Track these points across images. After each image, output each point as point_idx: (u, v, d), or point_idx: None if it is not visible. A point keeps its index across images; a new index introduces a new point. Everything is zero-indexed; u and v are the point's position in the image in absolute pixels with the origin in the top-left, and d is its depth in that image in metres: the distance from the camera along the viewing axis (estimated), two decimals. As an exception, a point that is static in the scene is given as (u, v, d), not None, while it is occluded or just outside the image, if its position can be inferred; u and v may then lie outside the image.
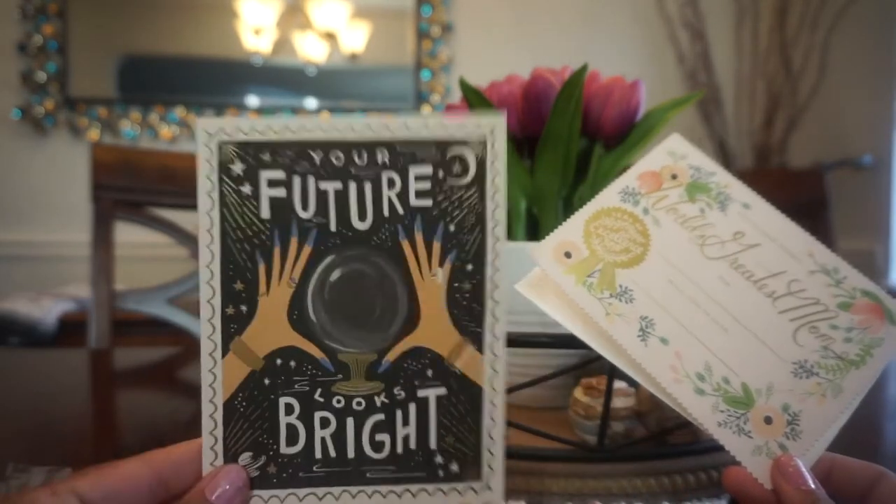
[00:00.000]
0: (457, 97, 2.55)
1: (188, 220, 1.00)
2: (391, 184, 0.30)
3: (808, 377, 0.32)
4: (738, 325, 0.34)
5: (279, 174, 0.30)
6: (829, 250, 0.36)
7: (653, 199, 0.38)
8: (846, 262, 0.36)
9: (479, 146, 0.30)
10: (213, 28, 2.42)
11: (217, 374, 0.30)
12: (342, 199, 0.30)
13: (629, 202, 0.38)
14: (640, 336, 0.34)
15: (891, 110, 2.25)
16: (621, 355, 0.34)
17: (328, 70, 2.48)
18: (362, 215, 0.30)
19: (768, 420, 0.31)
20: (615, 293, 0.35)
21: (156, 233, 1.12)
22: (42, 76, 2.28)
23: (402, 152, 0.30)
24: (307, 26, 2.46)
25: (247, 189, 0.30)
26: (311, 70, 2.47)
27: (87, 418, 0.66)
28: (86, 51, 2.34)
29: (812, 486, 0.29)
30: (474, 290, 0.30)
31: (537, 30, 2.55)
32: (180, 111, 2.38)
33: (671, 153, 0.40)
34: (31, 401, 0.71)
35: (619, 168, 0.58)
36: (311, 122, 0.30)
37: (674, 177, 0.39)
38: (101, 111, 2.34)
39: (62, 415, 0.65)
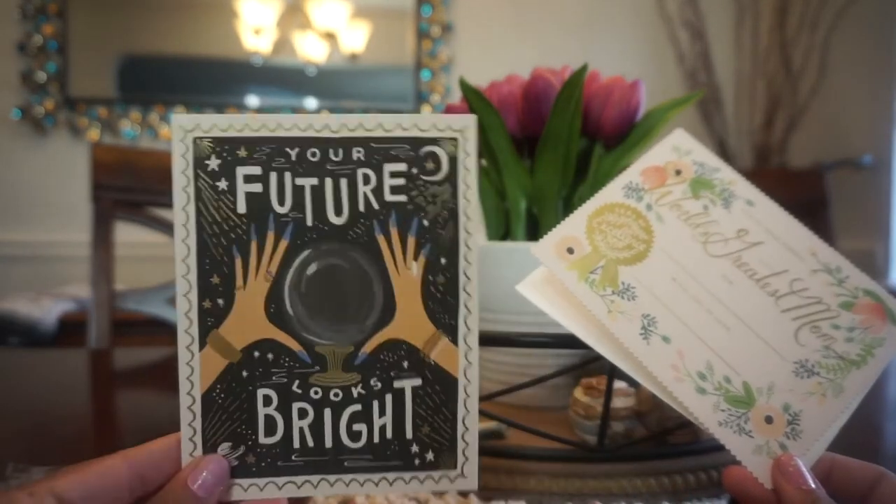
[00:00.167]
0: (457, 97, 2.54)
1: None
2: (367, 180, 0.31)
3: (809, 377, 0.32)
4: (741, 323, 0.34)
5: (256, 170, 0.31)
6: (832, 249, 0.36)
7: (656, 194, 0.38)
8: (848, 261, 0.36)
9: (451, 145, 0.31)
10: (213, 28, 2.42)
11: (195, 367, 0.30)
12: (318, 194, 0.31)
13: (632, 198, 0.38)
14: (642, 334, 0.34)
15: (891, 110, 2.25)
16: (622, 354, 0.34)
17: (328, 70, 2.48)
18: (338, 210, 0.31)
19: (769, 419, 0.31)
20: (618, 290, 0.35)
21: (156, 233, 1.12)
22: (42, 76, 2.28)
23: (378, 150, 0.31)
24: (307, 26, 2.46)
25: (223, 184, 0.31)
26: (311, 70, 2.47)
27: (87, 418, 0.66)
28: (86, 51, 2.34)
29: (812, 485, 0.29)
30: (448, 283, 0.31)
31: (537, 30, 2.55)
32: (180, 111, 2.38)
33: (675, 148, 0.39)
34: (31, 401, 0.71)
35: (619, 168, 0.58)
36: (288, 119, 0.31)
37: (678, 172, 0.38)
38: (101, 111, 2.34)
39: (62, 415, 0.65)
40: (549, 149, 0.56)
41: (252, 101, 2.44)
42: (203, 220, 0.30)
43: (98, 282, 1.04)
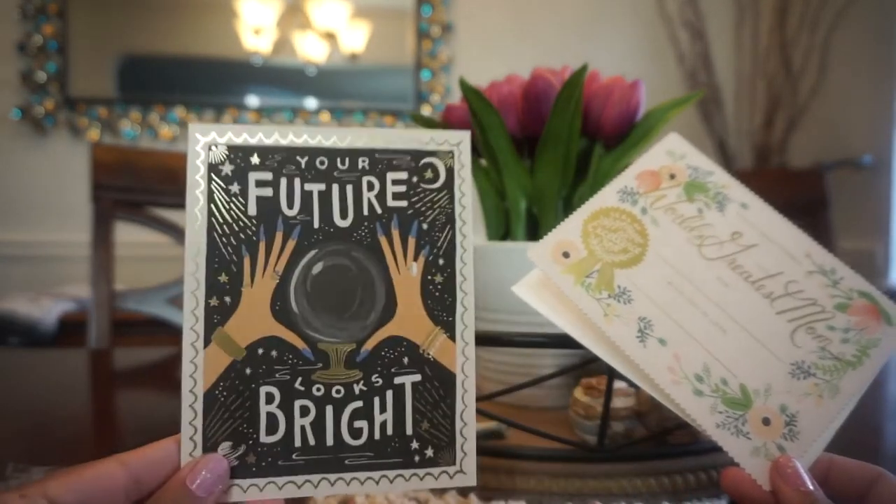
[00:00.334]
0: (457, 97, 2.54)
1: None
2: (370, 186, 0.33)
3: (805, 378, 0.33)
4: (737, 325, 0.34)
5: (267, 175, 0.33)
6: (827, 251, 0.36)
7: (651, 198, 0.38)
8: (843, 262, 0.36)
9: (447, 157, 0.34)
10: (213, 28, 2.42)
11: (198, 365, 0.31)
12: (325, 198, 0.33)
13: (627, 202, 0.38)
14: (638, 337, 0.34)
15: (891, 110, 2.25)
16: (619, 357, 0.34)
17: (328, 70, 2.48)
18: (344, 214, 0.33)
19: (766, 421, 0.31)
20: (613, 294, 0.35)
21: (156, 233, 1.13)
22: (42, 76, 2.28)
23: (381, 160, 0.34)
24: (307, 26, 2.46)
25: (235, 188, 0.32)
26: (311, 70, 2.47)
27: (87, 418, 0.66)
28: (86, 51, 2.34)
29: (810, 486, 0.29)
30: (446, 282, 0.33)
31: (537, 30, 2.55)
32: (180, 111, 2.38)
33: (670, 153, 0.40)
34: (31, 401, 0.71)
35: (619, 168, 0.58)
36: (299, 132, 0.33)
37: (672, 176, 0.39)
38: (101, 111, 2.34)
39: (62, 415, 0.65)
40: (549, 149, 0.56)
41: (252, 101, 2.44)
42: (214, 220, 0.32)
43: (98, 282, 1.04)
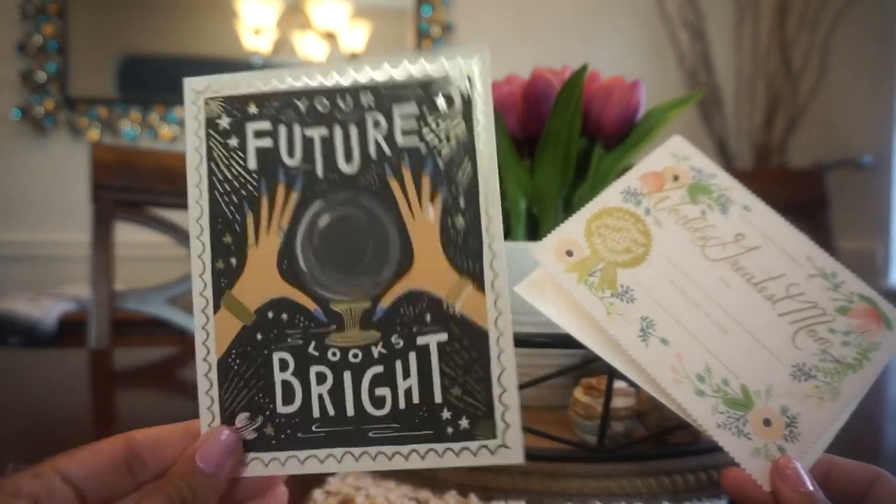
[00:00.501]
0: (457, 97, 2.52)
1: (188, 219, 1.00)
2: (376, 125, 0.30)
3: (806, 380, 0.33)
4: (738, 326, 0.34)
5: (265, 125, 0.30)
6: (828, 254, 0.36)
7: (654, 199, 0.38)
8: (844, 265, 0.36)
9: (462, 80, 0.29)
10: (213, 28, 2.42)
11: (210, 332, 0.29)
12: (328, 144, 0.30)
13: (631, 202, 0.38)
14: (640, 336, 0.34)
15: (891, 110, 2.25)
16: (621, 356, 0.34)
17: (328, 70, 2.48)
18: (349, 158, 0.30)
19: (767, 422, 0.31)
20: (616, 293, 0.35)
21: (156, 233, 1.13)
22: (42, 76, 2.28)
23: (387, 94, 0.30)
24: (307, 26, 2.46)
25: (234, 142, 0.30)
26: (311, 70, 2.47)
27: (87, 418, 0.66)
28: (86, 51, 2.34)
29: (810, 488, 0.29)
30: (469, 225, 0.29)
31: (537, 30, 2.55)
32: (180, 111, 2.38)
33: (673, 154, 0.40)
34: (31, 401, 0.71)
35: (619, 168, 0.58)
36: (297, 73, 0.30)
37: (675, 178, 0.39)
38: (101, 111, 2.34)
39: (62, 415, 0.65)
40: (549, 149, 0.56)
41: (252, 100, 2.44)
42: (215, 178, 0.30)
43: (98, 282, 1.04)
